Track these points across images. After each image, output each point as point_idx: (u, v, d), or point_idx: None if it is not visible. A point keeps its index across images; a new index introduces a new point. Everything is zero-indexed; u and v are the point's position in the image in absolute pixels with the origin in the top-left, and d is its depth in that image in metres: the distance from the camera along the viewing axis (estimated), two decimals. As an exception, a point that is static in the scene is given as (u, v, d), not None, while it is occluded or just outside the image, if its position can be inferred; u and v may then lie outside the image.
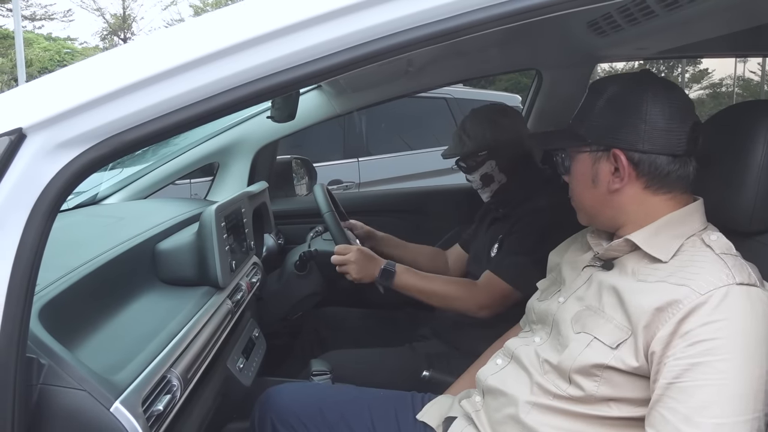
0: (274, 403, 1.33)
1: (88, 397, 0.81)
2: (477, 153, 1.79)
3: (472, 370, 1.41)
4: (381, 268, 1.66)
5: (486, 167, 1.79)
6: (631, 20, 1.61)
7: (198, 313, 1.23)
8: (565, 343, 1.06)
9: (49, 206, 0.76)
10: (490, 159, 1.78)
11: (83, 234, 1.48)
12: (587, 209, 1.14)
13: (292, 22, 0.78)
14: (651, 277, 1.00)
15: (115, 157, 0.80)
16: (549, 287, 1.25)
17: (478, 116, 1.84)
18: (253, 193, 1.82)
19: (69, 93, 0.77)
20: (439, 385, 1.48)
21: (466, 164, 1.83)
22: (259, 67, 0.80)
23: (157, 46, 0.81)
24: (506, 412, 1.10)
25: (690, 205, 1.06)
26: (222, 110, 0.81)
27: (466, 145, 1.80)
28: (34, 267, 0.76)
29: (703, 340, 0.89)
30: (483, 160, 1.79)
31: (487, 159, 1.79)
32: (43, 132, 0.76)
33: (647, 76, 1.08)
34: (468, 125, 1.82)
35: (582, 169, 1.11)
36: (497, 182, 1.80)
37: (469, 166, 1.82)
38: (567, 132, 1.14)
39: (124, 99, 0.78)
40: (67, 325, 0.96)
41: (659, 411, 0.91)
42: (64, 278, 1.04)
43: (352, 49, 0.80)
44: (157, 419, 0.90)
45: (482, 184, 1.81)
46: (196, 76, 0.79)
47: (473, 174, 1.82)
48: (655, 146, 1.02)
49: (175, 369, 1.00)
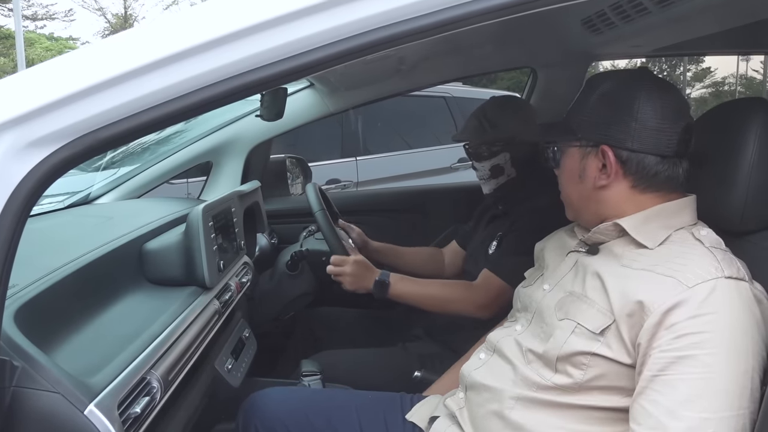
0: (258, 408, 1.31)
1: (61, 400, 0.79)
2: (495, 142, 1.75)
3: (457, 366, 1.40)
4: (375, 280, 1.64)
5: (499, 158, 1.75)
6: (624, 17, 1.59)
7: (183, 313, 1.21)
8: (549, 332, 1.04)
9: (19, 207, 0.74)
10: (505, 151, 1.75)
11: (70, 234, 1.46)
12: (573, 204, 1.14)
13: (278, 14, 0.76)
14: (635, 263, 0.99)
15: (89, 155, 0.78)
16: (533, 273, 1.25)
17: (502, 105, 1.80)
18: (244, 192, 1.81)
19: (40, 90, 0.76)
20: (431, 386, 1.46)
21: (479, 152, 1.78)
22: (242, 61, 0.78)
23: (131, 41, 0.79)
24: (490, 407, 1.09)
25: (683, 199, 1.05)
26: (201, 107, 0.80)
27: (486, 131, 1.75)
28: (5, 270, 0.75)
29: (689, 333, 0.88)
30: (498, 151, 1.75)
31: (503, 150, 1.75)
32: (14, 130, 0.75)
33: (643, 73, 1.06)
34: (490, 112, 1.77)
35: (570, 164, 1.10)
36: (506, 176, 1.77)
37: (481, 155, 1.78)
38: (560, 125, 1.13)
39: (98, 96, 0.76)
40: (46, 326, 0.94)
41: (641, 404, 0.90)
42: (44, 279, 1.02)
43: (346, 41, 0.78)
44: (135, 422, 0.88)
45: (490, 174, 1.77)
46: (171, 72, 0.77)
47: (483, 163, 1.77)
48: (644, 145, 1.01)
49: (155, 371, 0.99)
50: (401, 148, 5.10)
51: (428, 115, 5.14)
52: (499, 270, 1.63)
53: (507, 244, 1.69)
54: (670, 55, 2.01)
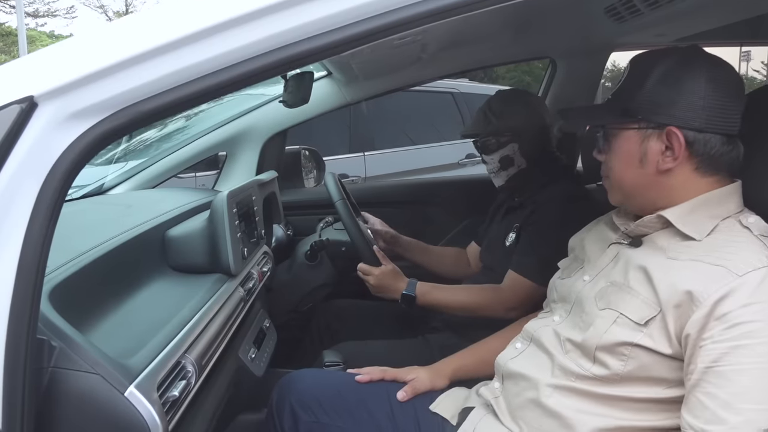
0: (294, 386, 1.30)
1: (101, 381, 0.77)
2: (502, 133, 1.74)
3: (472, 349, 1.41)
4: (402, 293, 1.66)
5: (508, 149, 1.74)
6: (651, 4, 1.57)
7: (210, 299, 1.19)
8: (589, 321, 1.02)
9: (61, 179, 0.72)
10: (513, 142, 1.74)
11: (91, 219, 1.44)
12: (626, 189, 1.08)
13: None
14: (683, 255, 0.96)
15: (132, 128, 0.76)
16: (571, 264, 1.22)
17: (507, 97, 1.79)
18: (263, 182, 1.78)
19: (82, 60, 0.74)
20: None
21: (487, 144, 1.77)
22: (279, 35, 0.76)
23: (172, 12, 0.77)
24: (527, 396, 1.07)
25: (729, 186, 1.01)
26: (242, 80, 0.77)
27: (491, 123, 1.75)
28: (45, 243, 0.72)
29: (742, 323, 0.85)
30: (506, 142, 1.74)
31: (511, 141, 1.74)
32: (55, 101, 0.72)
33: (698, 51, 1.03)
34: (496, 104, 1.77)
35: (628, 147, 1.05)
36: (516, 166, 1.75)
37: (489, 147, 1.77)
38: (608, 108, 1.09)
39: (139, 67, 0.74)
40: (78, 308, 0.92)
41: (697, 396, 0.88)
42: (74, 261, 1.00)
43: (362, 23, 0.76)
44: (173, 405, 0.86)
45: (500, 166, 1.76)
46: (214, 44, 0.75)
47: (492, 155, 1.76)
48: (711, 125, 0.97)
49: (189, 355, 0.97)
50: (409, 143, 5.08)
51: (436, 110, 5.12)
52: (525, 270, 1.61)
53: (527, 239, 1.67)
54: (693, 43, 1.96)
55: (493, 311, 1.63)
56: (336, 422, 1.25)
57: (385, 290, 1.70)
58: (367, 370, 1.35)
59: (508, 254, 1.71)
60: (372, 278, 1.69)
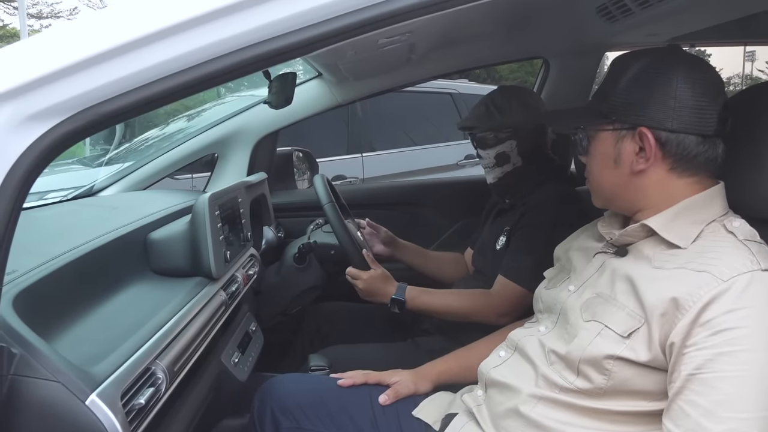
0: (275, 392, 1.28)
1: (62, 389, 0.75)
2: (502, 129, 1.72)
3: (454, 355, 1.39)
4: (392, 298, 1.65)
5: (505, 146, 1.72)
6: (642, 3, 1.55)
7: (189, 303, 1.17)
8: (573, 333, 1.00)
9: (19, 183, 0.70)
10: (512, 139, 1.71)
11: (73, 222, 1.42)
12: (605, 191, 1.07)
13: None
14: (669, 263, 0.94)
15: (91, 131, 0.74)
16: (557, 275, 1.19)
17: (511, 93, 1.77)
18: (250, 183, 1.77)
19: (40, 60, 0.72)
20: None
21: (485, 139, 1.74)
22: (247, 34, 0.74)
23: (134, 11, 0.75)
24: (509, 405, 1.05)
25: (711, 188, 0.99)
26: (207, 80, 0.75)
27: (493, 117, 1.72)
28: (3, 250, 0.70)
29: (727, 329, 0.83)
30: (504, 138, 1.72)
31: (509, 138, 1.71)
32: (12, 102, 0.70)
33: (675, 50, 1.01)
34: (499, 99, 1.74)
35: (603, 149, 1.04)
36: (512, 164, 1.73)
37: (487, 142, 1.74)
38: (586, 109, 1.07)
39: (100, 67, 0.72)
40: (46, 313, 0.90)
41: (679, 404, 0.85)
42: (45, 265, 0.98)
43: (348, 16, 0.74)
44: (139, 413, 0.84)
45: (495, 162, 1.74)
46: (177, 43, 0.73)
47: (488, 150, 1.74)
48: (684, 125, 0.95)
49: (160, 361, 0.95)
50: (408, 144, 5.06)
51: (435, 111, 5.10)
52: (514, 275, 1.59)
53: (517, 243, 1.64)
54: (685, 43, 1.95)
55: (484, 317, 1.61)
56: (318, 428, 1.23)
57: (374, 294, 1.68)
58: (350, 374, 1.34)
59: (499, 258, 1.69)
60: (361, 282, 1.68)
